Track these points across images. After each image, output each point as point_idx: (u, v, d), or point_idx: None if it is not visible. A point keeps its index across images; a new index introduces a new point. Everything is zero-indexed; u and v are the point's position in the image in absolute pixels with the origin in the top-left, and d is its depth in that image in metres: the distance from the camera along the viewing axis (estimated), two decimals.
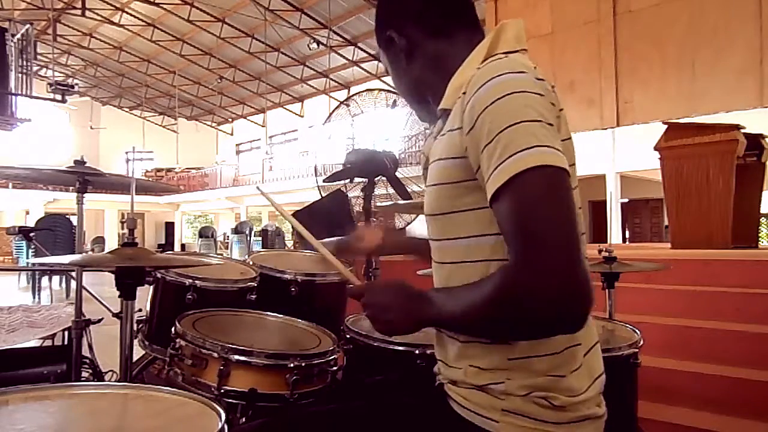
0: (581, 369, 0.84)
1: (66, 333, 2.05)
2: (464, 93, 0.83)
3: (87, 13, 17.40)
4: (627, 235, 14.80)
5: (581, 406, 0.82)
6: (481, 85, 0.78)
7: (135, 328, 1.54)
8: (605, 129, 8.84)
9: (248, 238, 15.92)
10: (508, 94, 0.75)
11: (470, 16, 0.98)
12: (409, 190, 2.75)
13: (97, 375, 2.11)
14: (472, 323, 0.80)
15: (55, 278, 8.34)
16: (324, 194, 3.72)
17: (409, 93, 1.04)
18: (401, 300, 0.87)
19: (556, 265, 0.69)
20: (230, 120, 27.47)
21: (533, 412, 0.80)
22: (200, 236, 19.53)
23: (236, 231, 17.17)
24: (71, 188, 1.93)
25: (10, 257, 18.38)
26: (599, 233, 11.66)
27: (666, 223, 7.78)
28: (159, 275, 1.66)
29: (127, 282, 1.32)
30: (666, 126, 4.44)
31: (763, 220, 10.97)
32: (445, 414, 0.87)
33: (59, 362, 1.95)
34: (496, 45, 0.89)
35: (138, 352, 1.72)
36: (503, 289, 0.73)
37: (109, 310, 2.22)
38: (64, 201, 20.92)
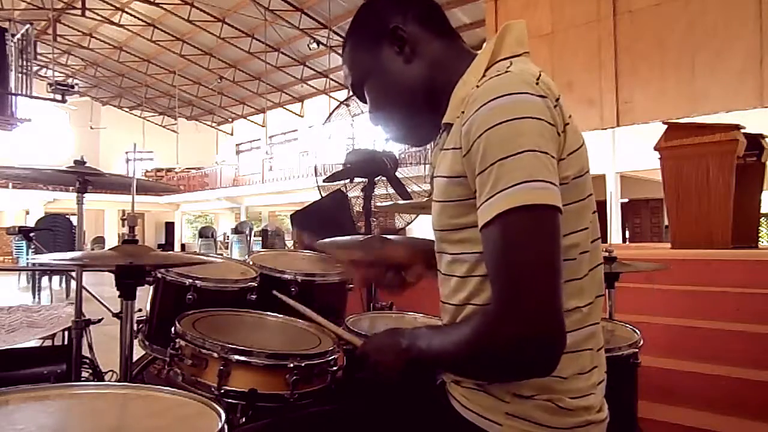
0: (587, 372, 0.84)
1: (66, 333, 2.04)
2: (462, 112, 0.81)
3: (87, 13, 17.40)
4: (627, 235, 14.80)
5: (585, 411, 0.82)
6: (477, 108, 0.76)
7: (135, 328, 1.54)
8: (605, 129, 8.83)
9: (248, 238, 15.92)
10: (504, 122, 0.74)
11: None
12: (409, 190, 2.75)
13: (97, 375, 2.11)
14: (454, 363, 0.83)
15: (55, 278, 8.34)
16: (324, 194, 3.72)
17: (414, 95, 0.95)
18: (391, 340, 0.90)
19: (533, 315, 0.70)
20: (230, 120, 27.48)
21: (537, 417, 0.80)
22: (200, 236, 19.53)
23: (236, 231, 17.16)
24: (71, 188, 1.93)
25: (10, 257, 18.39)
26: (599, 233, 11.64)
27: (666, 223, 7.78)
28: (159, 275, 1.66)
29: (127, 282, 1.32)
30: (666, 126, 4.45)
31: (763, 220, 10.97)
32: (446, 414, 0.86)
33: (59, 362, 1.95)
34: (499, 49, 0.87)
35: (138, 352, 1.72)
36: (480, 333, 0.75)
37: (109, 310, 2.22)
38: (64, 201, 20.92)
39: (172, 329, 1.34)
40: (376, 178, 2.46)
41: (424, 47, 0.93)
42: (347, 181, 2.80)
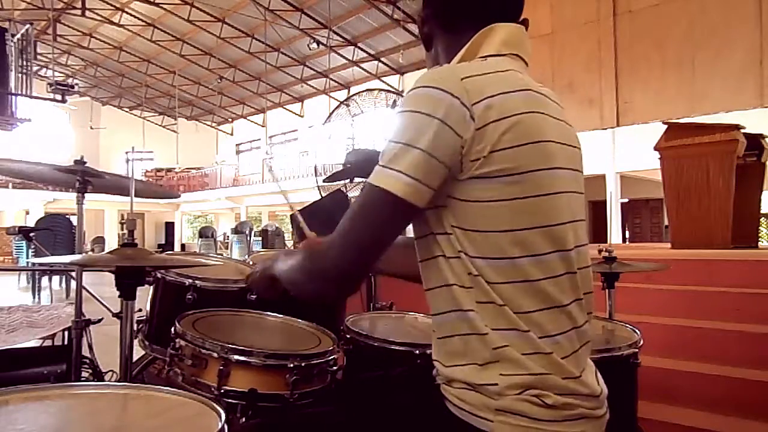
0: (571, 365, 0.84)
1: (66, 333, 2.05)
2: None
3: (87, 13, 17.40)
4: (627, 235, 14.81)
5: (576, 406, 0.82)
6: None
7: (135, 328, 1.54)
8: (605, 129, 8.84)
9: (248, 238, 15.92)
10: (406, 111, 0.82)
11: (487, 15, 0.96)
12: None
13: (97, 375, 2.11)
14: (288, 279, 1.00)
15: (55, 278, 8.34)
16: (324, 194, 3.72)
17: None
18: (270, 262, 1.10)
19: (341, 257, 0.84)
20: (230, 120, 27.48)
21: (527, 411, 0.80)
22: (200, 236, 19.53)
23: (236, 231, 17.17)
24: (71, 188, 1.93)
25: (10, 257, 18.39)
26: (599, 233, 11.66)
27: (666, 223, 7.78)
28: (159, 275, 1.66)
29: (127, 282, 1.32)
30: (666, 126, 4.45)
31: (763, 220, 10.98)
32: (441, 415, 0.87)
33: (59, 362, 1.95)
34: (476, 49, 0.92)
35: (138, 352, 1.72)
36: (303, 263, 0.95)
37: (109, 310, 2.22)
38: (64, 201, 20.92)
39: (172, 329, 1.34)
40: None
41: (436, 41, 1.03)
42: (347, 181, 2.79)
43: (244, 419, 1.21)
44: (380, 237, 0.84)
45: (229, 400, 1.22)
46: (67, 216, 8.79)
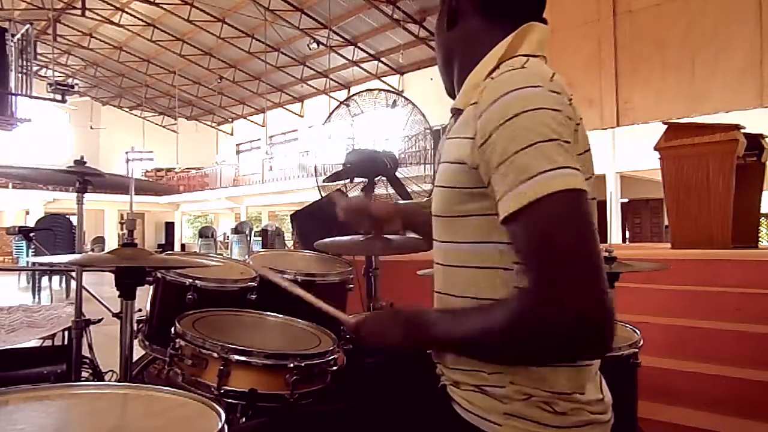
0: (582, 375, 0.84)
1: (66, 333, 2.04)
2: (476, 102, 0.82)
3: (87, 13, 17.40)
4: (627, 235, 14.80)
5: (584, 411, 0.82)
6: (494, 100, 0.77)
7: (135, 328, 1.54)
8: (605, 129, 8.83)
9: (248, 238, 15.92)
10: (523, 112, 0.74)
11: (530, 10, 0.93)
12: (409, 190, 2.74)
13: (97, 375, 2.11)
14: (481, 348, 0.79)
15: (55, 278, 8.33)
16: (324, 194, 3.72)
17: (440, 57, 1.03)
18: (397, 325, 0.88)
19: (582, 287, 0.68)
20: (230, 120, 27.48)
21: (535, 416, 0.80)
22: (200, 236, 19.54)
23: (236, 231, 17.17)
24: (71, 188, 1.93)
25: (10, 257, 18.38)
26: (599, 233, 11.64)
27: (666, 223, 7.78)
28: (159, 275, 1.66)
29: (127, 282, 1.32)
30: (666, 126, 4.44)
31: (763, 220, 10.97)
32: (447, 416, 0.86)
33: (59, 362, 1.95)
34: (518, 45, 0.88)
35: (138, 352, 1.72)
36: (521, 314, 0.73)
37: (109, 310, 2.22)
38: (64, 201, 20.91)
39: (172, 329, 1.35)
40: (376, 178, 2.46)
41: (464, 20, 0.96)
42: (347, 181, 2.79)
43: (244, 419, 1.21)
44: (596, 241, 0.72)
45: (229, 400, 1.22)
46: (67, 216, 8.77)
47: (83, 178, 1.88)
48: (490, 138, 0.76)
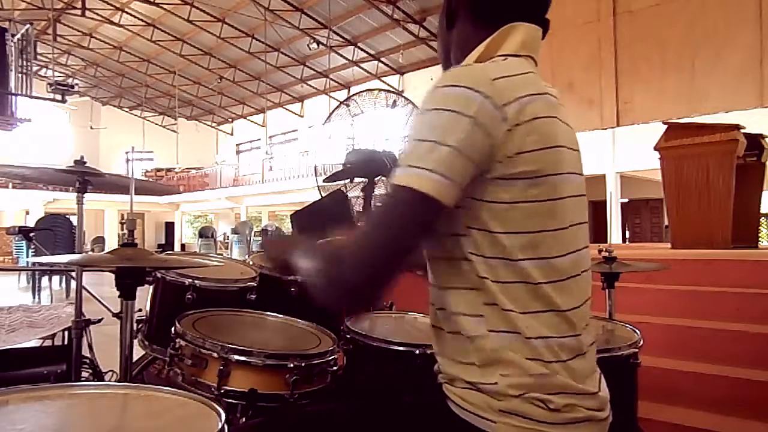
0: (573, 370, 0.84)
1: (66, 333, 2.05)
2: None
3: (87, 13, 17.39)
4: (627, 235, 14.80)
5: (579, 408, 0.82)
6: (430, 90, 0.83)
7: (135, 328, 1.54)
8: (605, 129, 8.85)
9: (248, 238, 15.92)
10: (431, 110, 0.80)
11: (523, 13, 0.94)
12: None
13: (97, 375, 2.11)
14: (307, 273, 0.92)
15: (55, 278, 8.34)
16: (324, 194, 3.72)
17: (441, 55, 1.07)
18: (296, 245, 1.02)
19: (366, 260, 0.80)
20: (230, 120, 27.48)
21: (530, 413, 0.80)
22: (200, 236, 19.54)
23: (236, 231, 17.17)
24: (71, 188, 1.93)
25: (10, 257, 18.38)
26: (599, 233, 11.65)
27: (666, 223, 7.78)
28: (159, 275, 1.66)
29: (127, 282, 1.32)
30: (666, 126, 4.45)
31: (763, 220, 10.97)
32: (443, 414, 0.87)
33: (59, 362, 1.95)
34: (498, 46, 0.90)
35: (138, 352, 1.72)
36: (326, 261, 0.87)
37: (109, 310, 2.22)
38: (64, 201, 20.91)
39: (172, 329, 1.35)
40: (376, 178, 2.46)
41: (459, 22, 0.99)
42: (347, 181, 2.80)
43: (244, 419, 1.21)
44: (408, 240, 0.81)
45: (229, 400, 1.22)
46: (67, 216, 8.78)
47: (83, 178, 1.88)
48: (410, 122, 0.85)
